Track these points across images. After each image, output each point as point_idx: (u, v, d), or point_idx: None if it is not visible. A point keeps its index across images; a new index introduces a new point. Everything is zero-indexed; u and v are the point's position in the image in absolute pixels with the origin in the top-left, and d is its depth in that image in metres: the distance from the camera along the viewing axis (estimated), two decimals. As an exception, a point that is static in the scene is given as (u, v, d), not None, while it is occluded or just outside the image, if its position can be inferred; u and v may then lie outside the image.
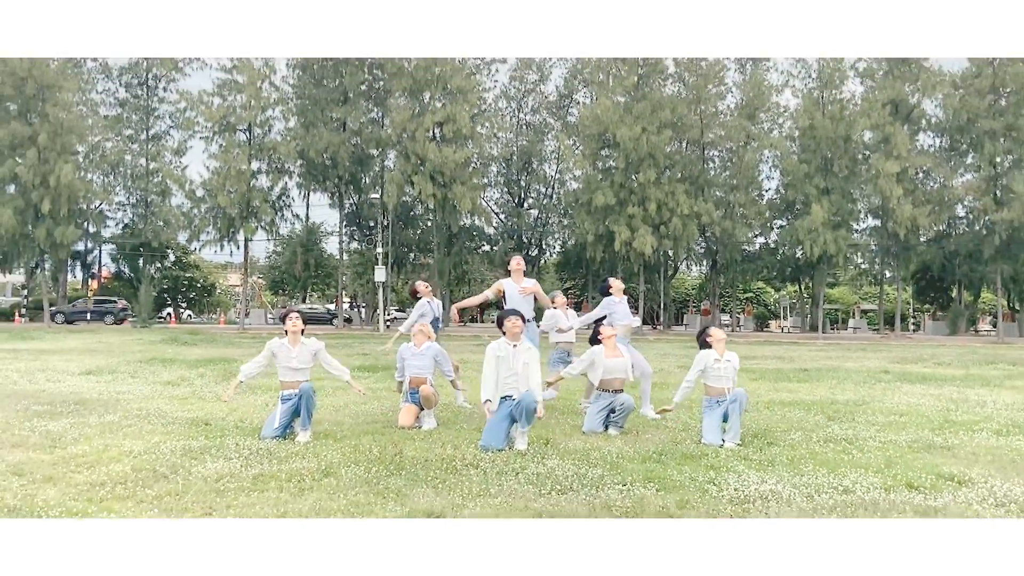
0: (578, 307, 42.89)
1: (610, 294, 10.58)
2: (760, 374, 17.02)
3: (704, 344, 8.73)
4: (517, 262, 10.76)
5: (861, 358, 24.11)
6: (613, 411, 8.81)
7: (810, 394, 13.26)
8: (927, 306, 66.67)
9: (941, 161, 50.94)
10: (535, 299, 10.42)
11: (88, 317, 52.05)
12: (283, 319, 8.70)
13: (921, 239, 52.59)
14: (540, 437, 8.28)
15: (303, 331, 8.65)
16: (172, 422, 9.25)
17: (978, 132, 48.49)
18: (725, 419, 8.37)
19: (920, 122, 52.11)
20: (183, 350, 23.62)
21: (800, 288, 62.37)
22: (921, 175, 51.96)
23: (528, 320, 9.65)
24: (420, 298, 11.63)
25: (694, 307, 70.07)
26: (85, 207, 51.35)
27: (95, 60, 54.98)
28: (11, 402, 10.72)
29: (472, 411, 10.37)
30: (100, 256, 60.14)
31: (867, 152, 50.24)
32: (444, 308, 11.92)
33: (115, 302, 53.61)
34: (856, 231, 52.87)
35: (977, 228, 51.54)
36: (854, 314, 70.82)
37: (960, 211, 53.14)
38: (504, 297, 10.41)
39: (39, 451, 7.44)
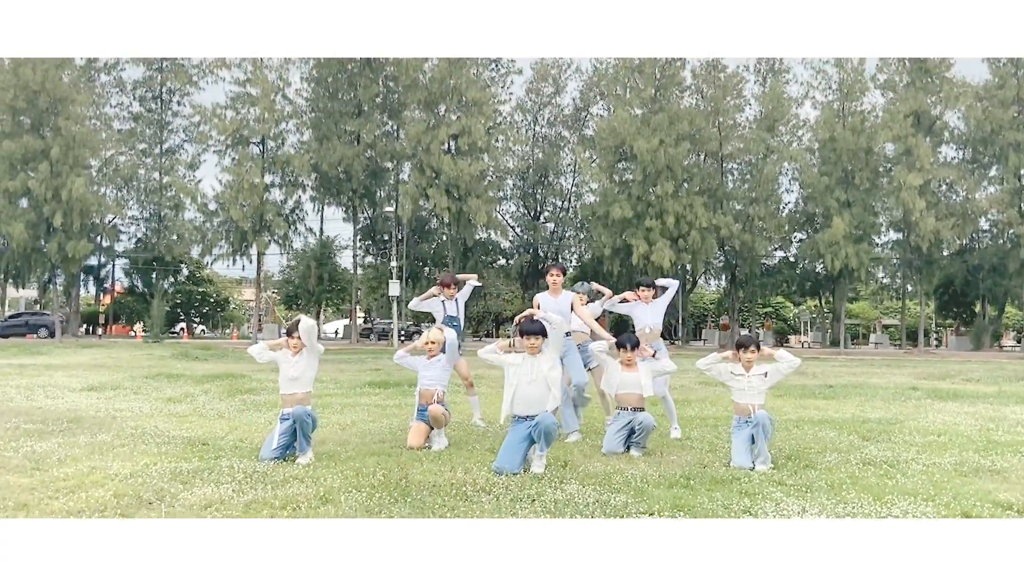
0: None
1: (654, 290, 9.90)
2: (784, 390, 16.41)
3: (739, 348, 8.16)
4: (553, 278, 9.62)
5: (886, 374, 23.45)
6: (632, 431, 8.25)
7: (839, 412, 12.68)
8: (950, 321, 65.73)
9: (964, 173, 50.22)
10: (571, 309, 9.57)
11: (23, 331, 50.83)
12: (289, 333, 8.16)
13: (944, 253, 51.86)
14: (558, 459, 7.72)
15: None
16: (167, 442, 8.74)
17: (1002, 144, 47.80)
18: (754, 440, 7.80)
19: (943, 134, 51.45)
20: (192, 365, 23.21)
21: (820, 303, 61.62)
22: (944, 187, 51.30)
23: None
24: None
25: (713, 322, 69.35)
26: (98, 221, 51.30)
27: (108, 74, 55.02)
28: (2, 420, 10.25)
29: (486, 430, 9.82)
30: (113, 271, 60.02)
31: (889, 164, 49.65)
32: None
33: (49, 315, 53.13)
34: (878, 244, 52.26)
35: (1001, 242, 50.81)
36: (875, 329, 69.91)
37: (984, 224, 52.43)
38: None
39: (19, 474, 6.93)
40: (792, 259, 55.50)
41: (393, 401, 13.27)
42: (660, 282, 10.15)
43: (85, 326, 59.68)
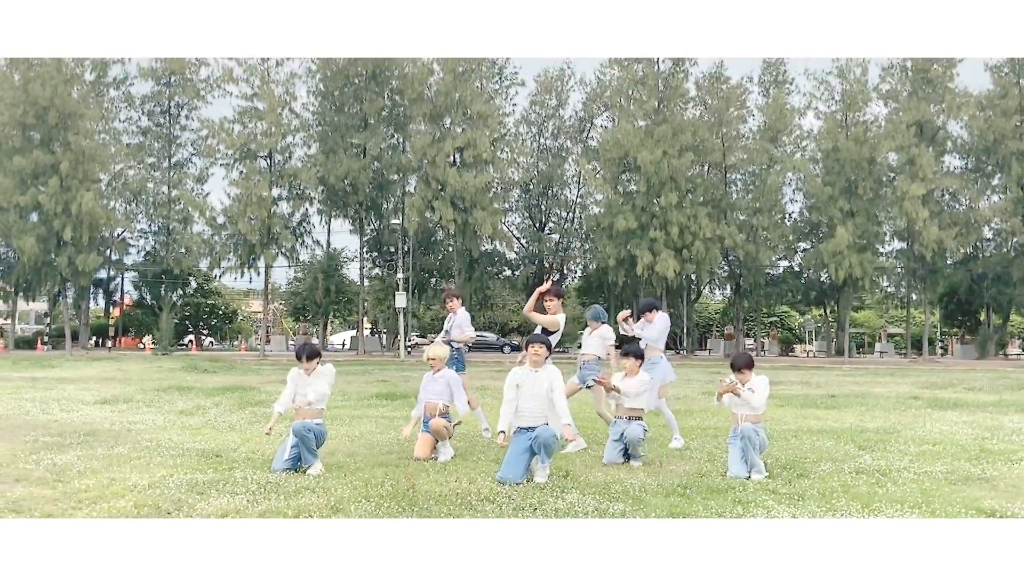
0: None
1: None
2: (786, 400, 16.60)
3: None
4: (548, 303, 10.00)
5: (889, 383, 23.59)
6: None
7: (838, 421, 12.86)
8: (955, 330, 65.74)
9: (967, 182, 50.36)
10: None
11: None
12: (298, 356, 8.47)
13: (948, 262, 51.92)
14: (560, 469, 7.98)
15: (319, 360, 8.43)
16: (182, 454, 9.01)
17: (1005, 153, 47.92)
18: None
19: (945, 143, 51.57)
20: (202, 378, 23.43)
21: (825, 312, 61.65)
22: (947, 197, 51.46)
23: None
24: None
25: (718, 331, 69.43)
26: (107, 235, 51.65)
27: (117, 89, 55.27)
28: (21, 433, 10.52)
29: (492, 441, 10.06)
30: (122, 284, 60.34)
31: (892, 174, 49.74)
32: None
33: None
34: (882, 254, 52.29)
35: (1005, 250, 50.92)
36: (880, 338, 69.89)
37: (987, 233, 52.54)
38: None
39: (42, 486, 7.20)
40: (796, 269, 55.56)
41: (400, 413, 13.45)
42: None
43: (95, 339, 60.01)
